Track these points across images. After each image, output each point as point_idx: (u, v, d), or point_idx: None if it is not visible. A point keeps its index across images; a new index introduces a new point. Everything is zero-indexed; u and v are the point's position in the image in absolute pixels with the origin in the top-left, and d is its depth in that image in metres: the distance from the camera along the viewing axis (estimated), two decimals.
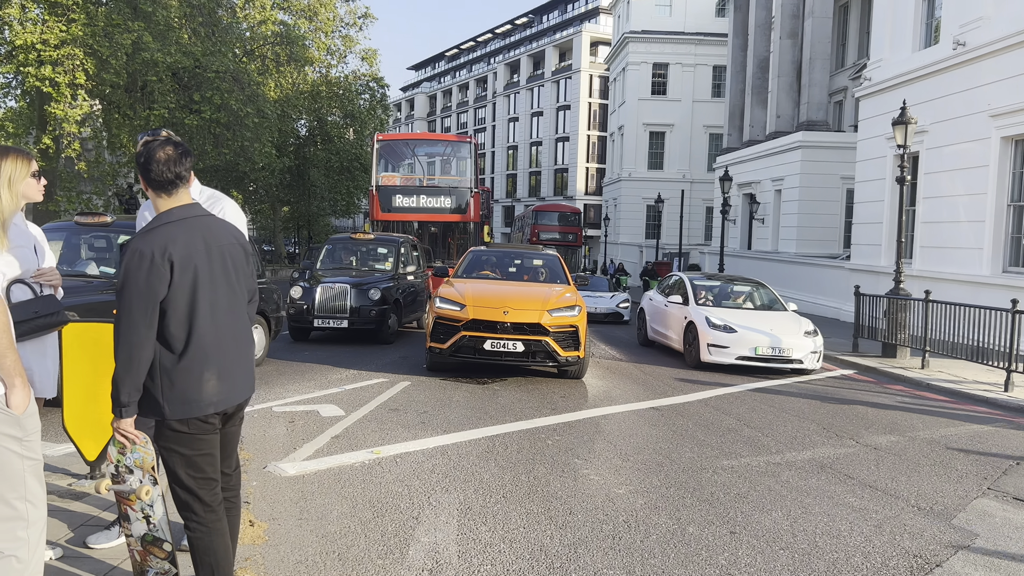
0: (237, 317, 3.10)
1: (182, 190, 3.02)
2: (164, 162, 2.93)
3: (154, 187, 2.96)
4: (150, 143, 2.98)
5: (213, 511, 3.05)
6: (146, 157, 2.93)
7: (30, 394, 2.57)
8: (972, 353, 11.76)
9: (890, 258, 19.55)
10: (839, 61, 30.87)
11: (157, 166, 2.92)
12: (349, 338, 13.54)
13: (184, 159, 2.97)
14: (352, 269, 14.56)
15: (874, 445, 7.45)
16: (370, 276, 13.77)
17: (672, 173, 47.00)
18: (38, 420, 2.65)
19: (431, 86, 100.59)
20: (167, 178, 2.94)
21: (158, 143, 2.97)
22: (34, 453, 2.61)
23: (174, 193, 2.99)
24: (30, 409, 2.59)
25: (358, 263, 14.97)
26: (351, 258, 15.11)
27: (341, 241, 15.65)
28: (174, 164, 2.95)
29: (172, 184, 2.97)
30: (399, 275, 14.22)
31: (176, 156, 2.96)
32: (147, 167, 2.93)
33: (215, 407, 3.00)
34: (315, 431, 6.96)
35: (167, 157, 2.93)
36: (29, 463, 2.58)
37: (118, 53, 21.71)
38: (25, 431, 2.57)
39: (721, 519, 5.07)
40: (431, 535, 4.57)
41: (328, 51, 36.65)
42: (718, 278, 14.54)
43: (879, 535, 4.92)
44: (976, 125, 15.89)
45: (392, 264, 14.56)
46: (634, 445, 6.98)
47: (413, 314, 15.08)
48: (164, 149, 2.94)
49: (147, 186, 2.98)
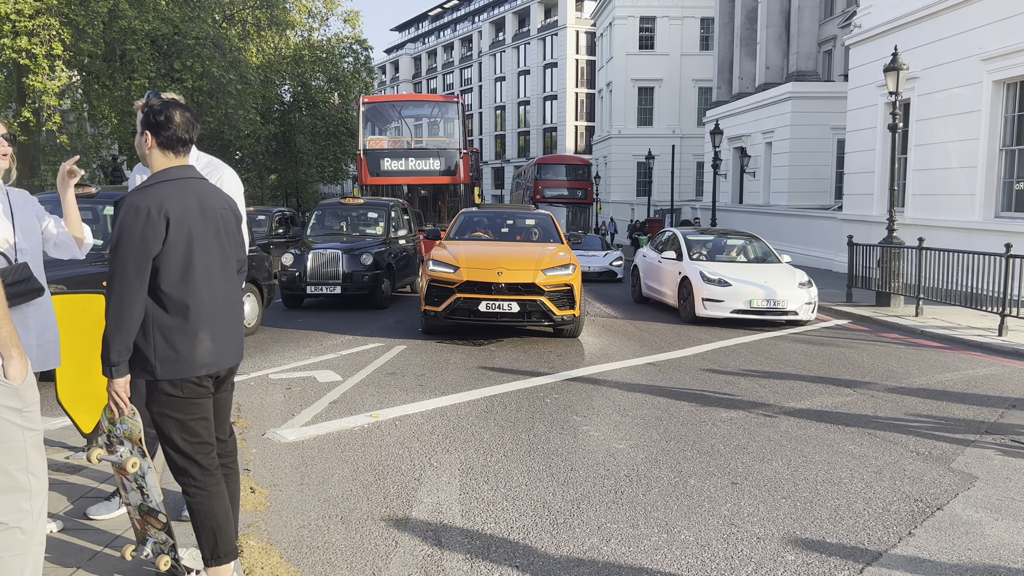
0: (229, 281, 3.08)
1: (187, 153, 3.06)
2: (183, 124, 3.00)
3: (165, 145, 2.99)
4: (169, 102, 3.02)
5: (211, 474, 3.02)
6: (166, 116, 2.98)
7: (27, 364, 2.52)
8: (966, 299, 11.79)
9: (882, 207, 19.50)
10: (827, 9, 30.50)
11: (176, 127, 2.98)
12: (342, 304, 13.47)
13: (197, 123, 3.06)
14: (343, 235, 14.43)
15: (871, 393, 7.47)
16: (361, 241, 13.62)
17: (662, 129, 46.65)
18: (36, 391, 2.60)
19: (415, 47, 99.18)
20: (182, 139, 3.01)
21: (175, 104, 3.03)
22: (34, 424, 2.57)
23: (180, 154, 3.03)
24: (28, 380, 2.54)
25: (349, 228, 14.85)
26: (341, 223, 14.99)
27: (331, 207, 15.48)
28: (191, 127, 3.03)
29: (184, 145, 3.03)
30: (391, 239, 14.11)
31: (192, 120, 3.05)
32: (166, 124, 2.97)
33: (207, 368, 2.96)
34: (313, 397, 6.93)
35: (185, 119, 3.01)
36: (30, 434, 2.54)
37: (94, 22, 21.26)
38: (24, 402, 2.52)
39: (722, 470, 5.08)
40: (433, 495, 4.56)
41: (309, 14, 35.97)
42: (711, 232, 14.48)
43: (879, 481, 4.94)
44: (968, 70, 15.73)
45: (383, 229, 14.42)
46: (633, 401, 6.98)
47: (406, 278, 14.99)
48: (182, 112, 3.02)
49: (156, 143, 2.99)
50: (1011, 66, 14.64)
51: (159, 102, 3.00)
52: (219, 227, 3.02)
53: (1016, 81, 14.83)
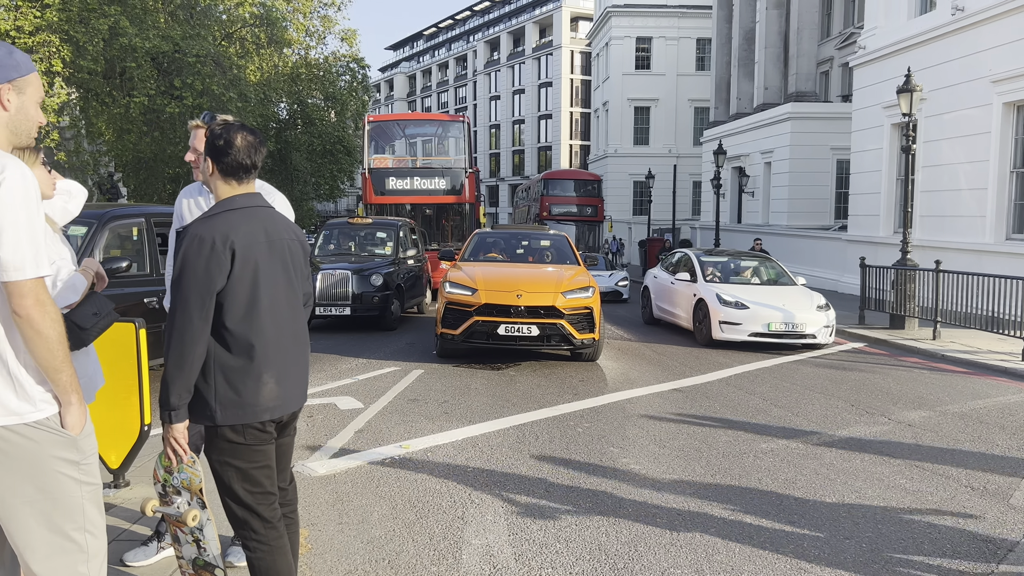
0: (296, 318, 2.86)
1: (252, 180, 2.83)
2: (245, 148, 2.74)
3: (227, 173, 2.76)
4: (230, 125, 2.76)
5: (274, 528, 2.79)
6: (226, 140, 2.73)
7: (86, 413, 2.30)
8: (985, 323, 11.65)
9: (888, 228, 19.47)
10: (825, 31, 30.64)
11: (236, 152, 2.73)
12: (350, 325, 13.23)
13: (261, 147, 2.79)
14: (351, 255, 14.24)
15: (907, 422, 7.29)
16: (371, 261, 13.44)
17: (658, 148, 46.69)
18: (95, 440, 2.38)
19: (410, 66, 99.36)
20: (244, 165, 2.76)
21: (238, 127, 2.77)
22: (93, 477, 2.34)
23: (244, 181, 2.79)
24: (87, 428, 2.32)
25: (357, 248, 14.63)
26: (349, 243, 14.78)
27: (339, 226, 15.27)
28: (253, 151, 2.77)
29: (247, 172, 2.78)
30: (399, 259, 13.91)
31: (256, 143, 2.78)
32: (225, 151, 2.73)
33: (271, 413, 2.75)
34: (336, 426, 6.69)
35: (248, 144, 2.75)
36: (88, 489, 2.32)
37: (94, 39, 21.09)
38: (83, 454, 2.30)
39: (776, 508, 4.88)
40: (481, 536, 4.33)
41: (307, 32, 35.92)
42: (724, 253, 14.33)
43: (941, 519, 4.74)
44: (977, 91, 15.72)
45: (392, 248, 14.22)
46: (667, 430, 6.77)
47: (414, 299, 14.80)
48: (244, 135, 2.75)
49: (217, 170, 2.76)
50: (1021, 88, 14.63)
51: (220, 125, 2.78)
52: (286, 259, 2.81)
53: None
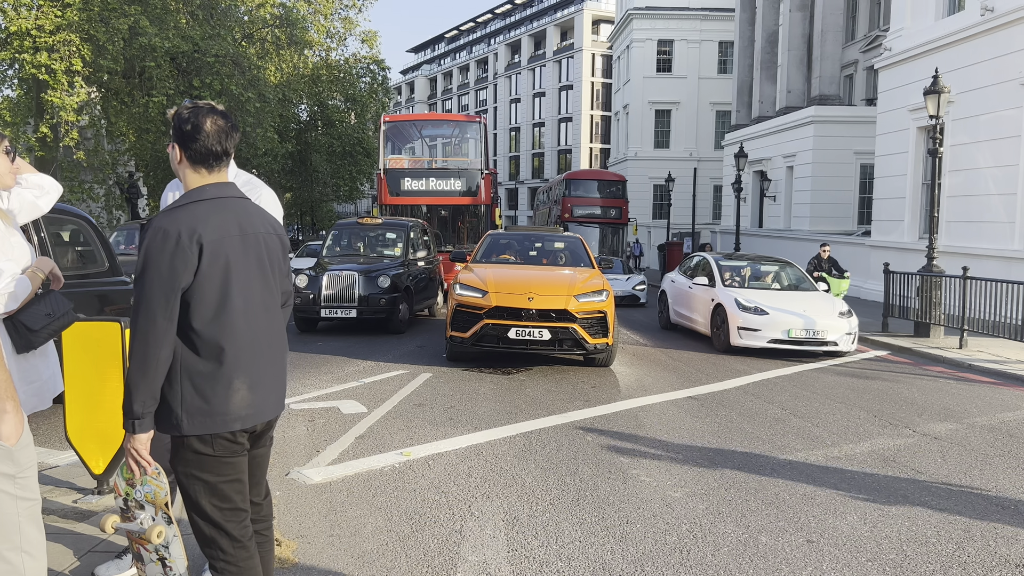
0: (272, 319, 2.64)
1: (224, 168, 2.60)
2: (214, 133, 2.52)
3: (195, 160, 2.54)
4: (198, 108, 2.54)
5: (244, 547, 2.58)
6: (193, 125, 2.51)
7: (23, 421, 2.09)
8: (1013, 332, 11.26)
9: (913, 234, 19.04)
10: (849, 33, 30.17)
11: (206, 137, 2.51)
12: (359, 328, 13.04)
13: (234, 132, 2.57)
14: (360, 256, 13.97)
15: (933, 434, 6.97)
16: (379, 263, 13.14)
17: (679, 152, 46.27)
18: (34, 452, 2.18)
19: (431, 68, 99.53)
20: (214, 151, 2.54)
21: (207, 109, 2.54)
22: (30, 492, 2.14)
23: (215, 170, 2.57)
24: (24, 439, 2.12)
25: (366, 249, 14.37)
26: (359, 244, 14.54)
27: (348, 227, 15.02)
28: (225, 137, 2.54)
29: (217, 159, 2.56)
30: (409, 261, 13.66)
31: (227, 128, 2.55)
32: (193, 136, 2.51)
33: (243, 423, 2.53)
34: (338, 431, 6.49)
35: (217, 128, 2.53)
36: (24, 505, 2.11)
37: (115, 38, 21.15)
38: (19, 466, 2.10)
39: (793, 525, 4.60)
40: (479, 552, 4.10)
41: (328, 34, 35.96)
42: (743, 258, 14.01)
43: (971, 541, 4.44)
44: (1007, 94, 15.29)
45: (402, 250, 13.94)
46: (680, 440, 6.51)
47: (425, 301, 14.57)
48: (214, 118, 2.53)
49: (186, 158, 2.55)
50: None
51: (188, 108, 2.56)
52: (262, 255, 2.60)
53: None
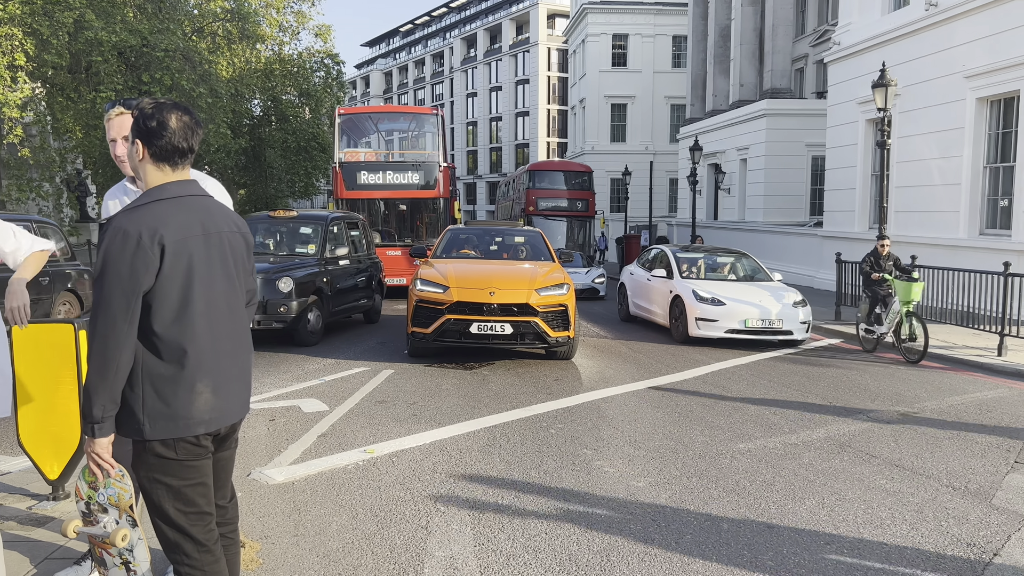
0: (236, 320, 2.60)
1: (187, 165, 2.56)
2: (180, 130, 2.47)
3: (159, 157, 2.49)
4: (162, 103, 2.48)
5: (209, 551, 2.54)
6: (159, 121, 2.45)
7: None
8: (960, 318, 11.61)
9: (864, 224, 19.48)
10: (799, 28, 30.70)
11: (172, 133, 2.46)
12: None
13: (198, 129, 2.52)
14: (269, 254, 11.86)
15: (886, 419, 7.16)
16: (288, 262, 11.19)
17: (635, 145, 46.68)
18: None
19: (386, 62, 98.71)
20: (180, 148, 2.49)
21: (171, 106, 2.49)
22: None
23: (179, 167, 2.53)
24: None
25: (277, 247, 12.32)
26: (268, 240, 12.47)
27: (258, 221, 12.82)
28: (190, 134, 2.50)
29: (182, 156, 2.51)
30: (327, 259, 11.85)
31: (192, 125, 2.51)
32: (158, 132, 2.45)
33: (207, 426, 2.49)
34: (299, 430, 6.43)
35: (183, 124, 2.48)
36: None
37: (59, 32, 20.57)
38: None
39: (754, 511, 4.70)
40: (446, 548, 4.11)
41: (280, 28, 35.44)
42: (700, 249, 14.19)
43: (924, 522, 4.58)
44: (951, 87, 15.72)
45: (317, 247, 11.95)
46: (642, 430, 6.58)
47: (351, 305, 12.62)
48: (179, 115, 2.48)
49: (149, 155, 2.49)
50: (994, 83, 14.64)
51: (151, 104, 2.50)
52: (226, 254, 2.56)
53: (999, 98, 14.83)
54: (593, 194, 28.00)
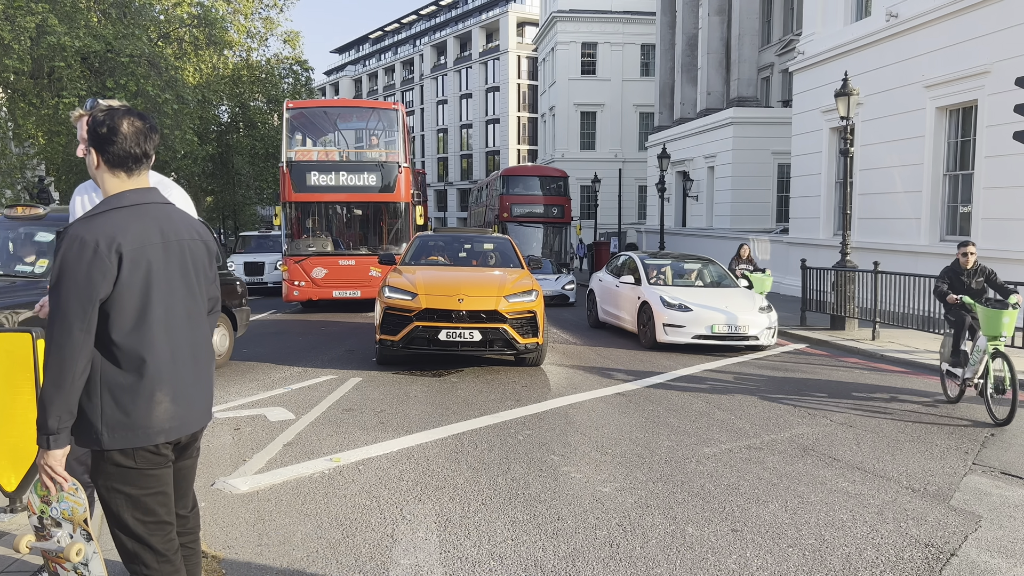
0: (196, 328, 2.58)
1: (144, 171, 2.53)
2: (132, 135, 2.45)
3: (114, 164, 2.47)
4: (114, 110, 2.46)
5: (168, 562, 2.52)
6: (109, 127, 2.43)
7: None
8: (921, 323, 11.84)
9: (828, 231, 19.77)
10: (765, 37, 31.17)
11: (123, 139, 2.44)
12: (284, 332, 12.81)
13: (152, 134, 2.50)
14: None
15: (849, 423, 7.27)
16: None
17: (604, 153, 46.98)
18: None
19: (356, 69, 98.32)
20: (133, 154, 2.46)
21: (123, 111, 2.46)
22: None
23: (135, 173, 2.50)
24: None
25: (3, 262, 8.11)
26: None
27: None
28: (143, 139, 2.47)
29: (137, 162, 2.49)
30: None
31: (145, 129, 2.48)
32: (109, 139, 2.43)
33: (167, 435, 2.47)
34: (265, 439, 6.37)
35: (136, 130, 2.46)
36: None
37: (21, 37, 20.21)
38: None
39: (719, 515, 4.74)
40: (411, 555, 4.10)
41: (248, 34, 35.19)
42: (668, 256, 14.32)
43: (883, 523, 4.66)
44: (911, 96, 16.04)
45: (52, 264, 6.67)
46: (609, 436, 6.62)
47: None
48: (131, 120, 2.46)
49: (103, 162, 2.47)
50: (953, 93, 14.96)
51: (103, 111, 2.47)
52: (186, 262, 2.54)
53: (958, 107, 15.16)
54: (569, 200, 27.16)
